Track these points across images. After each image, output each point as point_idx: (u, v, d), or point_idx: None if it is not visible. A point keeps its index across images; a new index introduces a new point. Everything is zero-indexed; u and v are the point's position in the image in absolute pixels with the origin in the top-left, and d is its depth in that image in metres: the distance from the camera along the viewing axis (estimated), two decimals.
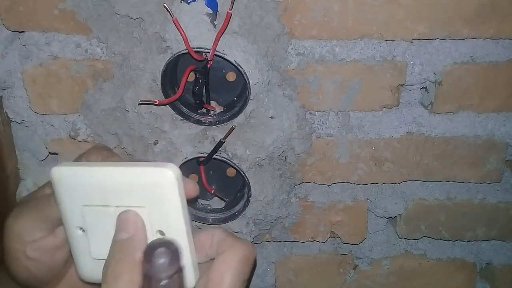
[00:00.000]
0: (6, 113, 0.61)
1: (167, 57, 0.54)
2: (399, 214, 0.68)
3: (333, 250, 0.71)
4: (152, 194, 0.37)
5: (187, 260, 0.38)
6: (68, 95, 0.59)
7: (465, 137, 0.63)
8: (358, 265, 0.72)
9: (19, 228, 0.42)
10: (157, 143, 0.58)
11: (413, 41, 0.58)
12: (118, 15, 0.54)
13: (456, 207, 0.67)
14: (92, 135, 0.61)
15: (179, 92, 0.55)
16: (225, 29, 0.52)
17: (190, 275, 0.38)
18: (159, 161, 0.58)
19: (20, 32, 0.57)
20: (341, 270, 0.72)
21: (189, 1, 0.52)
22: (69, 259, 0.44)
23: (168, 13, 0.51)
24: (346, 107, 0.61)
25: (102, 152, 0.45)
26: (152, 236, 0.38)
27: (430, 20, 0.56)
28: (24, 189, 0.64)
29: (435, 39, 0.58)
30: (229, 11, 0.51)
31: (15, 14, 0.55)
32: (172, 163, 0.37)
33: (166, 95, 0.56)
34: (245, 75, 0.54)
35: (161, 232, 0.38)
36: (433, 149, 0.64)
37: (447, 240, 0.70)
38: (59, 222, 0.42)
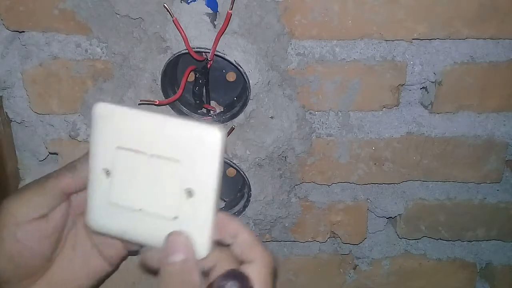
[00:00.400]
0: (6, 113, 0.61)
1: (167, 57, 0.54)
2: (399, 214, 0.68)
3: (333, 250, 0.71)
4: (192, 150, 0.36)
5: (207, 227, 0.37)
6: (68, 95, 0.59)
7: (465, 137, 0.63)
8: (358, 265, 0.72)
9: (15, 207, 0.41)
10: None
11: (413, 41, 0.58)
12: (118, 15, 0.54)
13: (456, 207, 0.67)
14: None
15: (179, 92, 0.55)
16: (225, 29, 0.52)
17: (205, 245, 0.37)
18: None
19: (20, 32, 0.57)
20: (341, 270, 0.72)
21: (189, 1, 0.52)
22: (52, 256, 0.44)
23: (168, 13, 0.51)
24: (346, 107, 0.61)
25: None
26: (179, 194, 0.37)
27: (430, 20, 0.56)
28: None
29: (435, 39, 0.58)
30: (229, 11, 0.51)
31: (15, 14, 0.55)
32: (221, 126, 0.36)
33: (166, 95, 0.56)
34: (245, 75, 0.54)
35: (189, 191, 0.37)
36: (433, 149, 0.64)
37: (447, 240, 0.70)
38: (55, 205, 0.42)
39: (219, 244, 0.39)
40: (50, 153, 0.63)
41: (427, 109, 0.63)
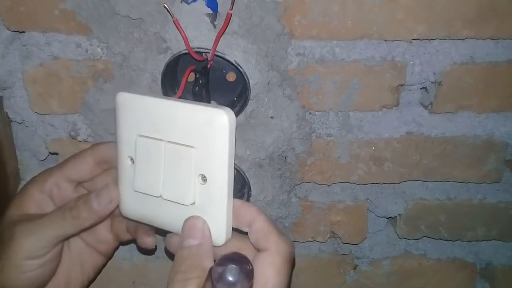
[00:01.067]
0: (7, 113, 0.61)
1: (167, 57, 0.54)
2: (399, 214, 0.68)
3: (333, 250, 0.71)
4: (203, 134, 0.36)
5: (223, 214, 0.37)
6: (69, 95, 0.59)
7: (465, 137, 0.63)
8: (358, 265, 0.72)
9: (31, 245, 0.43)
10: None
11: (413, 41, 0.58)
12: (118, 15, 0.54)
13: (456, 207, 0.67)
14: (92, 135, 0.61)
15: (179, 92, 0.55)
16: (225, 30, 0.52)
17: (222, 233, 0.37)
18: None
19: (20, 32, 0.57)
20: (341, 270, 0.72)
21: (189, 2, 0.52)
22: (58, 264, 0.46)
23: (168, 13, 0.51)
24: (346, 107, 0.61)
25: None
26: (194, 180, 0.37)
27: (430, 21, 0.56)
28: None
29: (435, 39, 0.58)
30: (229, 12, 0.51)
31: (15, 14, 0.55)
32: (229, 108, 0.36)
33: (166, 96, 0.56)
34: (245, 75, 0.54)
35: (203, 176, 0.37)
36: (432, 149, 0.64)
37: (447, 240, 0.70)
38: (67, 237, 0.44)
39: (239, 232, 0.39)
40: (50, 153, 0.63)
41: (427, 109, 0.63)
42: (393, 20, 0.56)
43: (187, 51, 0.52)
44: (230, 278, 0.34)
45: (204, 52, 0.54)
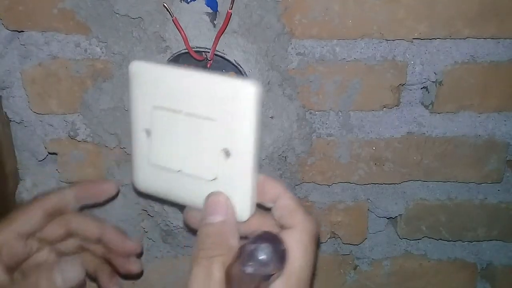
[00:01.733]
0: (5, 113, 0.61)
1: (166, 56, 0.54)
2: (399, 214, 0.68)
3: (333, 250, 0.71)
4: (227, 107, 0.34)
5: (247, 189, 0.35)
6: (68, 95, 0.59)
7: (465, 137, 0.63)
8: (358, 266, 0.72)
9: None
10: None
11: (414, 40, 0.58)
12: (117, 15, 0.54)
13: (456, 207, 0.67)
14: (91, 135, 0.61)
15: None
16: (225, 29, 0.52)
17: (245, 208, 0.36)
18: None
19: (19, 31, 0.57)
20: (341, 270, 0.72)
21: (188, 1, 0.52)
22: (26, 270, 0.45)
23: (167, 12, 0.51)
24: (347, 107, 0.61)
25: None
26: (215, 154, 0.36)
27: (431, 20, 0.56)
28: (23, 189, 0.64)
29: (435, 39, 0.58)
30: (229, 11, 0.51)
31: (14, 14, 0.55)
32: (255, 80, 0.34)
33: None
34: (245, 75, 0.54)
35: (226, 151, 0.36)
36: (433, 149, 0.63)
37: (447, 241, 0.70)
38: (33, 233, 0.44)
39: (261, 208, 0.37)
40: (49, 153, 0.63)
41: (427, 109, 0.62)
42: (393, 19, 0.56)
43: (186, 50, 0.52)
44: (263, 257, 0.31)
45: (203, 51, 0.53)
